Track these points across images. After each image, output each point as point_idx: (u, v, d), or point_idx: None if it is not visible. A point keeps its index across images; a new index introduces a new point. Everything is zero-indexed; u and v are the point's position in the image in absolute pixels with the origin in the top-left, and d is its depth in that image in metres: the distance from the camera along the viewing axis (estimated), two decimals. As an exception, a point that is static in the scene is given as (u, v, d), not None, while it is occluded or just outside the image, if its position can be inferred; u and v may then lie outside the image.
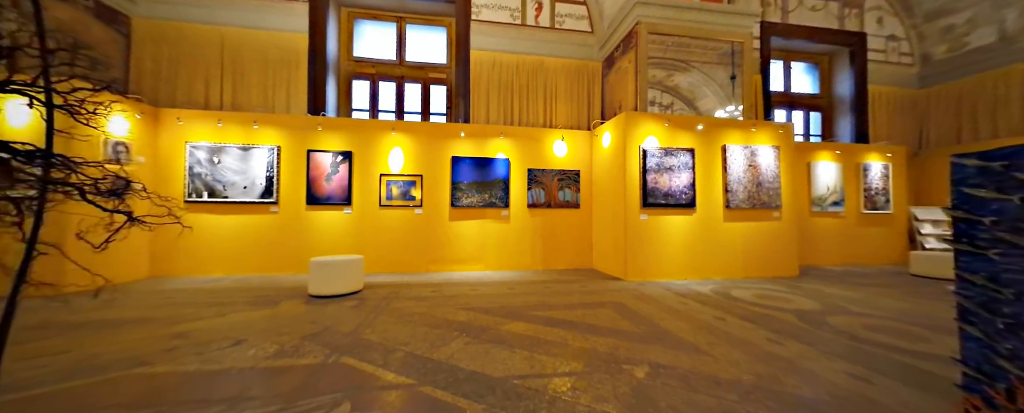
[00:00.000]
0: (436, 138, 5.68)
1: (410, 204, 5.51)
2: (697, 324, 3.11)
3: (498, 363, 2.23)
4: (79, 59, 1.50)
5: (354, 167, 5.42)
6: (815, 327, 3.07)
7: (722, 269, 5.08)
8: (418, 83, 6.71)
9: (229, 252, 5.07)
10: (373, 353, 2.39)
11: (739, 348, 2.56)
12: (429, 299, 3.84)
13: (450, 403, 1.77)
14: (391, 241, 5.47)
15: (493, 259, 5.68)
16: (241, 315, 3.23)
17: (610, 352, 2.44)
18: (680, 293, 4.18)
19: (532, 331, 2.86)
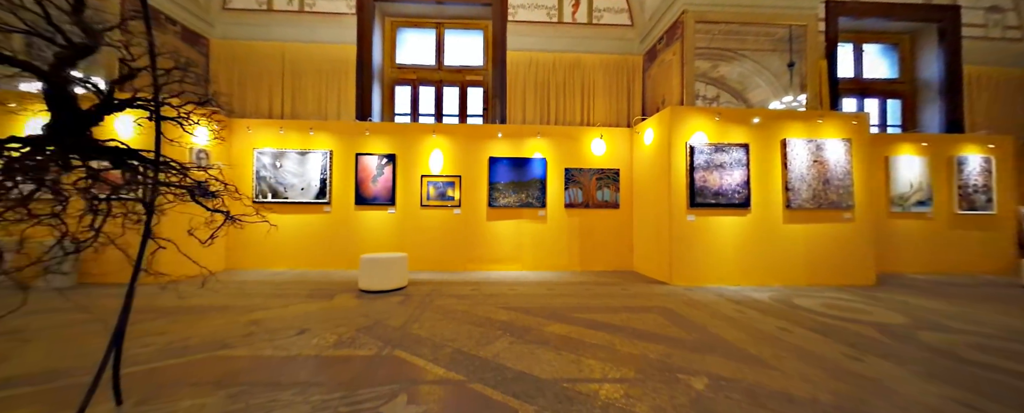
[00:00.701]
0: (474, 139, 5.75)
1: (448, 204, 5.63)
2: (757, 334, 2.81)
3: (544, 364, 2.17)
4: (187, 76, 1.72)
5: (397, 169, 5.65)
6: (903, 343, 2.65)
7: (782, 275, 4.61)
8: (456, 86, 6.86)
9: (289, 248, 5.50)
10: (422, 348, 2.44)
11: (811, 363, 2.27)
12: (470, 297, 3.82)
13: (501, 402, 1.75)
14: (432, 240, 5.62)
15: (530, 259, 5.62)
16: (302, 306, 3.43)
17: (662, 360, 2.26)
18: (734, 300, 3.84)
19: (576, 333, 2.75)
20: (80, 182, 1.46)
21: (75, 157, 1.47)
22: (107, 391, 1.58)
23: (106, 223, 1.47)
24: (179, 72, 1.66)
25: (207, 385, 1.89)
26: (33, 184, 1.31)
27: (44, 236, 1.43)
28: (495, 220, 5.65)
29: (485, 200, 5.63)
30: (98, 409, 1.54)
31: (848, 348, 2.53)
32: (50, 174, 1.37)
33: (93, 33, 1.56)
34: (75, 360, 2.13)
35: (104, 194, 1.48)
